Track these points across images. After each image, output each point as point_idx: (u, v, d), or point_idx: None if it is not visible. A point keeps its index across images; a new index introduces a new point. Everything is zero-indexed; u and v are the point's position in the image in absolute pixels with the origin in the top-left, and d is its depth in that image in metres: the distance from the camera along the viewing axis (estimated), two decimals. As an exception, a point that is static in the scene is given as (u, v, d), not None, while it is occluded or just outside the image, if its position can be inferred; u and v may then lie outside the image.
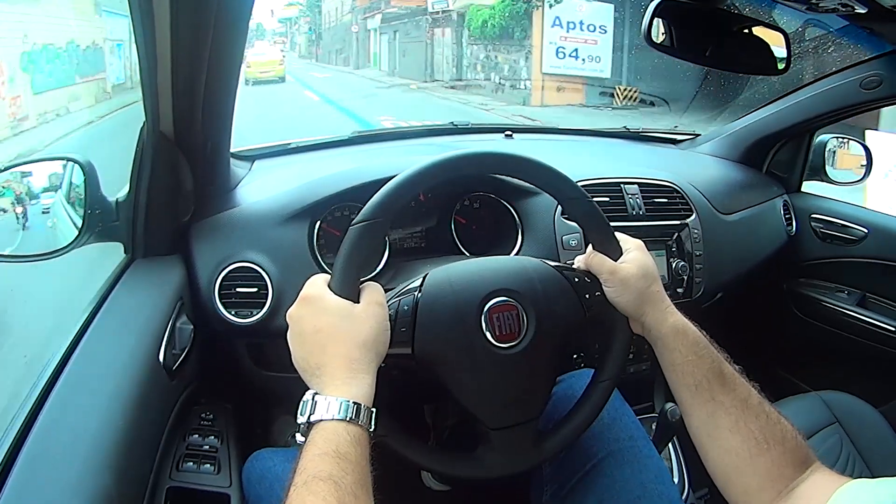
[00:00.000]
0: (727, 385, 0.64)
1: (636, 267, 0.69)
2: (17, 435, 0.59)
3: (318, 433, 0.53)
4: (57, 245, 0.83)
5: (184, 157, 0.87)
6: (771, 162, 1.47)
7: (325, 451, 0.51)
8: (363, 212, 0.64)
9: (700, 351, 0.66)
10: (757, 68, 0.98)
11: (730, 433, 0.62)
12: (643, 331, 0.70)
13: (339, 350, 0.58)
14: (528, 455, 0.68)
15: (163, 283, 0.86)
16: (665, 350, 0.68)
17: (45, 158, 0.89)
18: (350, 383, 0.56)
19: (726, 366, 0.66)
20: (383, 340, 0.61)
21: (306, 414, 0.54)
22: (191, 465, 0.77)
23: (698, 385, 0.65)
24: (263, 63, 19.48)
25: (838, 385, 1.15)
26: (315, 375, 0.58)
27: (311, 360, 0.59)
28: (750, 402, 0.63)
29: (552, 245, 1.05)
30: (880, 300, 1.34)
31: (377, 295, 0.63)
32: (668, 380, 0.69)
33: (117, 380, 0.68)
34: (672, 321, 0.68)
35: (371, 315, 0.60)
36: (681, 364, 0.66)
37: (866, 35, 1.05)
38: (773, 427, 0.62)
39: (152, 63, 0.72)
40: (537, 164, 0.71)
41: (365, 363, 0.58)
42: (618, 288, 0.69)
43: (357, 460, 0.52)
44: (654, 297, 0.69)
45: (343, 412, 0.54)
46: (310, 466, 0.50)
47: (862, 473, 0.98)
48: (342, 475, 0.49)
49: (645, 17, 0.88)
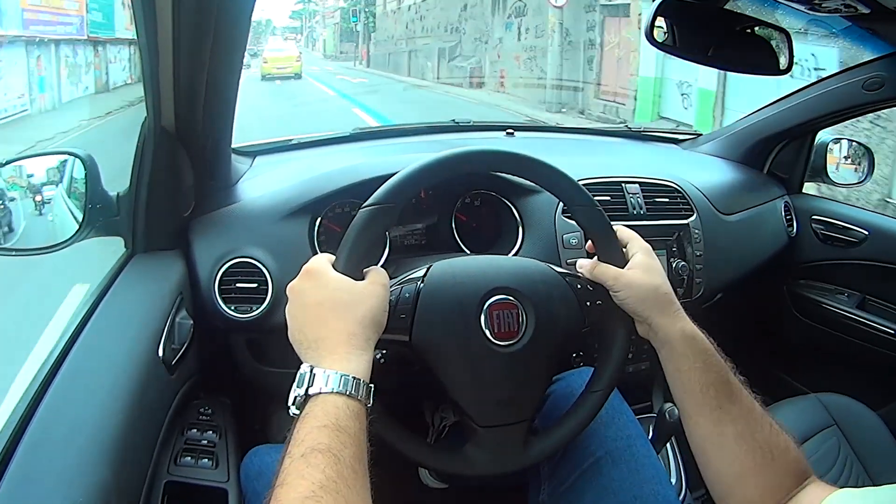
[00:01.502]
0: (734, 395, 0.64)
1: (643, 270, 0.69)
2: (16, 427, 0.59)
3: (316, 406, 0.53)
4: (57, 239, 0.83)
5: (185, 152, 0.87)
6: (772, 163, 1.47)
7: (324, 424, 0.51)
8: (375, 195, 0.64)
9: (709, 359, 0.65)
10: (759, 68, 0.98)
11: (735, 442, 0.62)
12: (650, 333, 0.69)
13: (339, 325, 0.58)
14: (515, 456, 0.67)
15: (163, 278, 0.86)
16: (672, 355, 0.67)
17: (46, 153, 0.89)
18: (349, 358, 0.56)
19: (732, 376, 0.65)
20: (380, 321, 0.61)
21: (304, 386, 0.54)
22: (189, 460, 0.77)
23: (705, 393, 0.64)
24: (280, 59, 19.25)
25: (837, 387, 1.15)
26: (311, 348, 0.57)
27: (309, 333, 0.58)
28: (755, 412, 0.63)
29: (553, 243, 1.05)
30: (880, 303, 1.34)
31: (381, 277, 0.63)
32: (671, 385, 0.68)
33: (116, 374, 0.68)
34: (681, 326, 0.67)
35: (373, 293, 0.61)
36: (688, 370, 0.65)
37: (869, 36, 1.05)
38: (776, 438, 0.62)
39: (154, 58, 0.72)
40: (548, 166, 0.71)
41: (363, 339, 0.58)
42: (624, 291, 0.68)
43: (356, 434, 0.52)
44: (662, 300, 0.68)
45: (343, 386, 0.53)
46: (308, 439, 0.50)
47: (859, 476, 0.98)
48: (341, 448, 0.49)
49: (647, 16, 0.88)
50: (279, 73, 18.30)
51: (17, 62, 8.40)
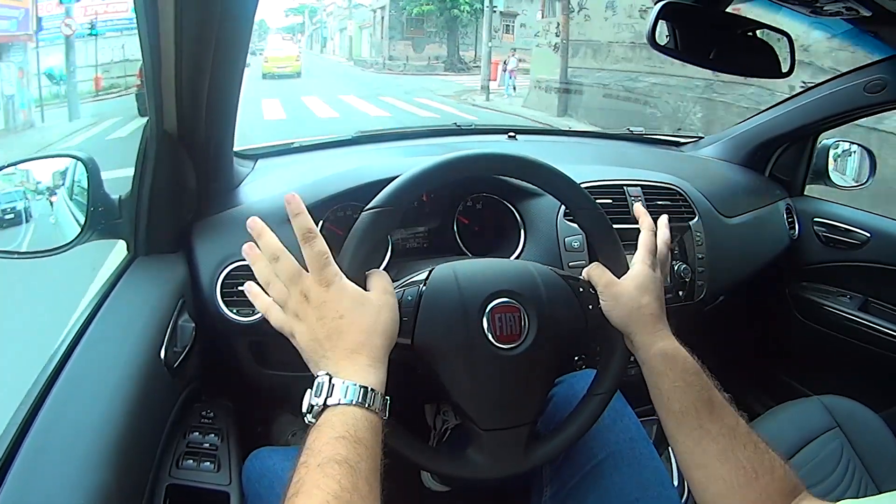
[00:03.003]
0: (715, 413, 0.63)
1: (633, 284, 0.69)
2: (18, 430, 0.59)
3: (335, 416, 0.53)
4: (59, 242, 0.83)
5: (187, 155, 0.87)
6: (774, 165, 1.47)
7: (342, 435, 0.51)
8: (377, 199, 0.64)
9: (688, 378, 0.65)
10: (761, 71, 0.98)
11: (717, 461, 0.61)
12: (632, 349, 0.69)
13: (359, 338, 0.58)
14: (516, 460, 0.67)
15: (165, 281, 0.86)
16: (651, 374, 0.67)
17: (48, 156, 0.89)
18: (367, 370, 0.56)
19: (716, 393, 0.65)
20: (394, 332, 0.62)
21: (322, 395, 0.54)
22: (191, 463, 0.77)
23: (685, 412, 0.64)
24: (280, 59, 20.25)
25: (839, 389, 1.14)
26: (328, 358, 0.57)
27: (326, 343, 0.58)
28: (738, 431, 0.63)
29: (554, 246, 1.05)
30: (882, 305, 1.34)
31: (388, 284, 0.63)
32: (654, 402, 0.68)
33: (118, 377, 0.68)
34: (661, 346, 0.67)
35: (385, 304, 0.61)
36: (668, 390, 0.65)
37: (871, 38, 1.05)
38: (761, 457, 0.61)
39: (156, 61, 0.72)
40: (552, 170, 0.71)
41: (380, 351, 0.59)
42: (609, 302, 0.69)
43: (372, 447, 0.52)
44: (644, 319, 0.68)
45: (361, 397, 0.54)
46: (326, 449, 0.50)
47: (862, 479, 0.97)
48: (358, 460, 0.49)
49: (649, 19, 0.88)
50: (279, 71, 19.30)
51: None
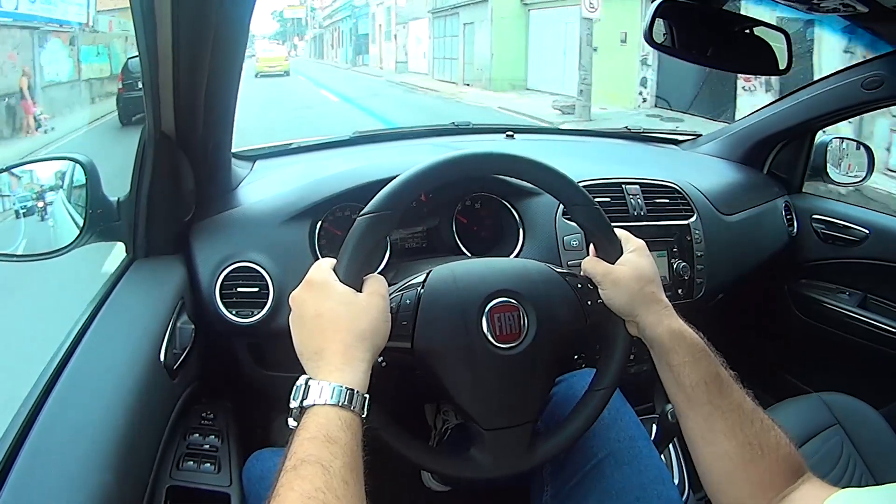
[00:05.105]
0: (724, 389, 0.64)
1: (630, 268, 0.69)
2: (19, 432, 0.59)
3: (309, 418, 0.53)
4: (58, 245, 0.83)
5: (185, 156, 0.87)
6: (772, 162, 1.47)
7: (314, 436, 0.51)
8: (372, 203, 0.64)
9: (697, 354, 0.65)
10: (759, 69, 0.98)
11: (725, 438, 0.62)
12: (639, 332, 0.70)
13: (337, 336, 0.58)
14: (520, 458, 0.67)
15: (164, 283, 0.86)
16: (661, 352, 0.67)
17: (47, 158, 0.89)
18: (344, 370, 0.56)
19: (723, 370, 0.65)
20: (382, 333, 0.61)
21: (298, 398, 0.54)
22: (191, 465, 0.76)
23: (695, 388, 0.64)
24: (271, 59, 23.67)
25: (839, 386, 1.14)
26: (311, 360, 0.58)
27: (309, 345, 0.59)
28: (745, 407, 0.63)
29: (553, 245, 1.05)
30: (881, 301, 1.34)
31: (380, 287, 0.63)
32: (663, 382, 0.68)
33: (118, 379, 0.68)
34: (668, 323, 0.67)
35: (373, 306, 0.61)
36: (678, 365, 0.65)
37: (868, 35, 1.05)
38: (766, 434, 0.61)
39: (154, 62, 0.72)
40: (546, 168, 0.71)
41: (361, 351, 0.58)
42: (610, 289, 0.69)
43: (347, 444, 0.52)
44: (647, 299, 0.68)
45: (335, 397, 0.54)
46: (299, 450, 0.50)
47: (862, 475, 0.98)
48: (331, 459, 0.49)
49: (646, 17, 0.88)
50: (270, 70, 22.36)
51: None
